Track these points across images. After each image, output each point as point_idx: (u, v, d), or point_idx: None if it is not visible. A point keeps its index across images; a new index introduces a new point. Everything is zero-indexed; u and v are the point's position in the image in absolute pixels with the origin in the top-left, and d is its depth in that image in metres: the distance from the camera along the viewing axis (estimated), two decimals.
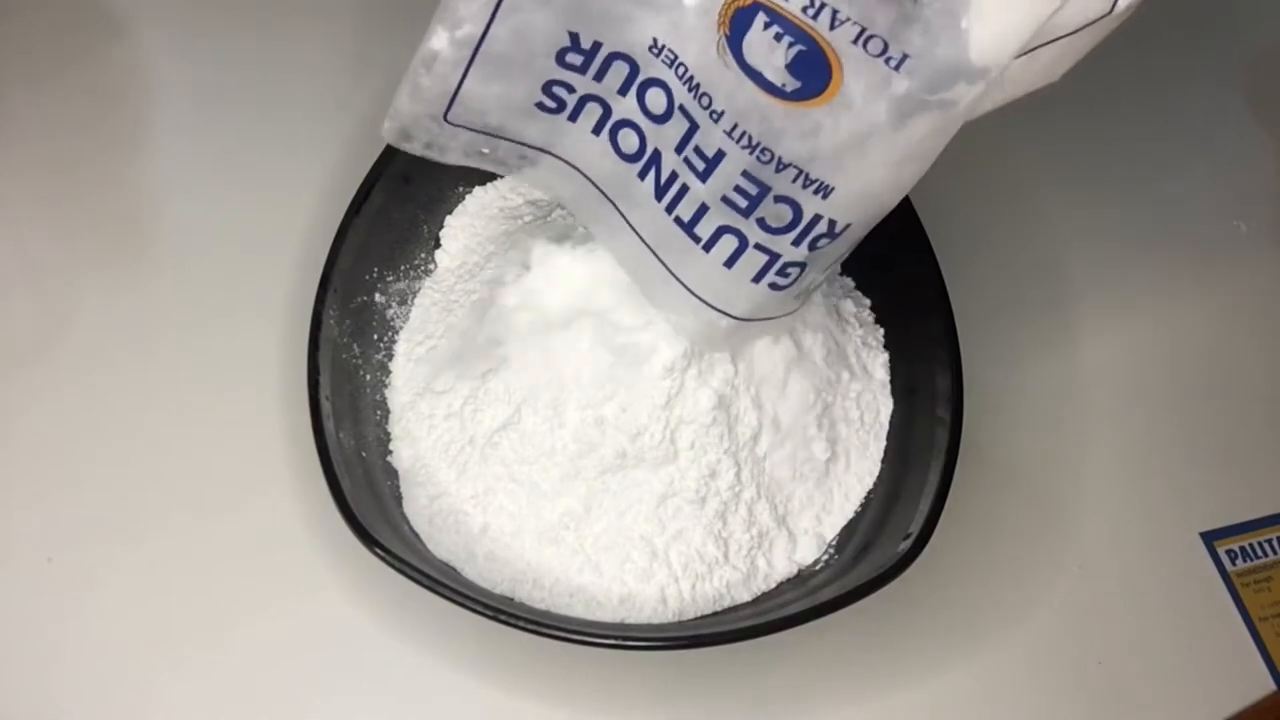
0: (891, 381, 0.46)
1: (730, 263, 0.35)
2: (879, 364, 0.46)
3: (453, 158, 0.36)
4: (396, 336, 0.47)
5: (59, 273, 0.51)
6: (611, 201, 0.37)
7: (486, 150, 0.36)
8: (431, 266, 0.49)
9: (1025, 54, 0.30)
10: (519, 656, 0.42)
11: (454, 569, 0.41)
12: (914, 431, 0.44)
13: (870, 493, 0.44)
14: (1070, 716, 0.43)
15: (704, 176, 0.33)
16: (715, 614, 0.41)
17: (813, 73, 0.30)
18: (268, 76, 0.56)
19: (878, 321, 0.47)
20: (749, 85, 0.31)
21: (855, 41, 0.29)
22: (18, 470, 0.45)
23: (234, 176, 0.53)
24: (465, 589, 0.39)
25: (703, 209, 0.34)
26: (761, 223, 0.34)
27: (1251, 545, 0.47)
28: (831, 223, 0.33)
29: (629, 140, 0.35)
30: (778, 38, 0.30)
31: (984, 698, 0.43)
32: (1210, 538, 0.47)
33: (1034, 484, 0.48)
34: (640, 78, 0.33)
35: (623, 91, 0.34)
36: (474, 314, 0.45)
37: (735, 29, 0.30)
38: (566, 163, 0.37)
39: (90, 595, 0.43)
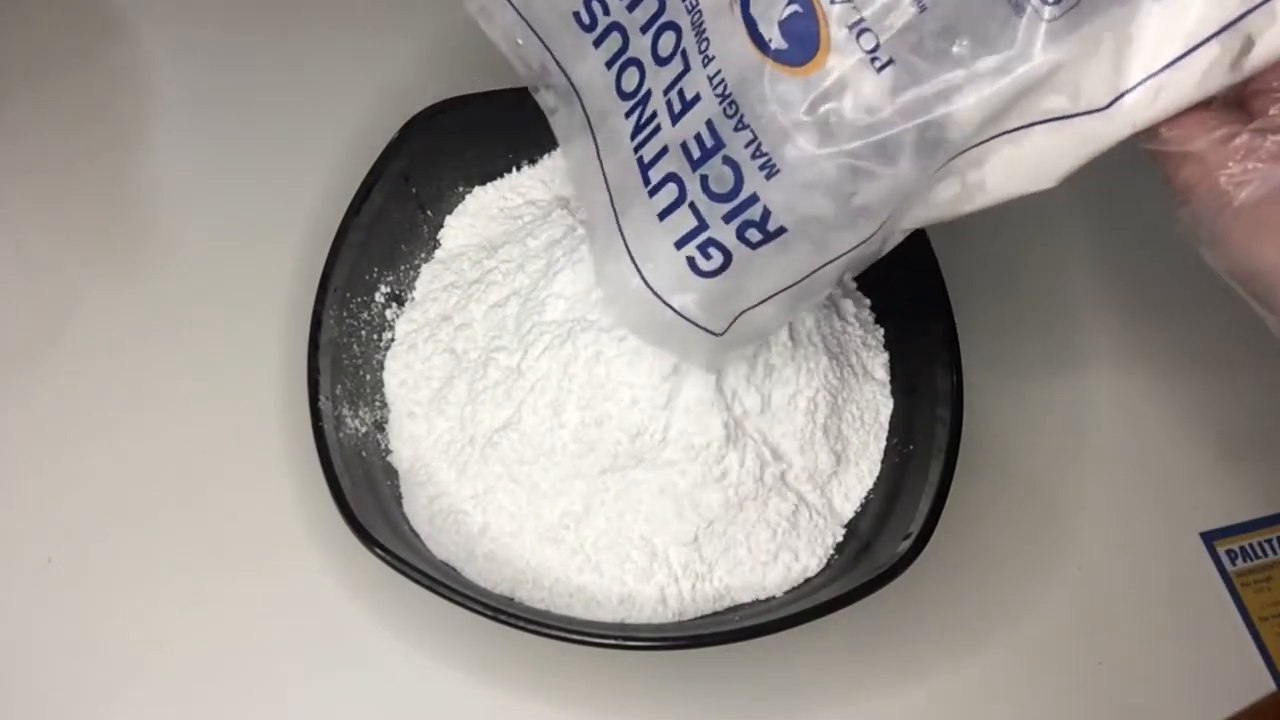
0: (891, 381, 0.46)
1: (664, 214, 0.34)
2: (879, 364, 0.46)
3: (494, 33, 0.36)
4: (396, 336, 0.47)
5: (58, 272, 0.51)
6: (595, 140, 0.36)
7: (521, 42, 0.36)
8: None
9: (1007, 133, 0.30)
10: (519, 656, 0.42)
11: (454, 569, 0.41)
12: (914, 431, 0.44)
13: (870, 493, 0.44)
14: (1070, 716, 0.43)
15: (676, 119, 0.33)
16: (715, 614, 0.41)
17: (801, 40, 0.29)
18: (267, 76, 0.56)
19: (878, 321, 0.47)
20: (742, 33, 0.30)
21: (850, 28, 0.29)
22: (18, 470, 0.45)
23: (234, 176, 0.53)
24: (465, 589, 0.39)
25: (663, 151, 0.33)
26: (704, 182, 0.32)
27: (1251, 545, 0.47)
28: (766, 212, 0.32)
29: (631, 79, 0.34)
30: None
31: (984, 698, 0.43)
32: (1210, 538, 0.47)
33: (1034, 484, 0.48)
34: (662, 19, 0.33)
35: (644, 29, 0.33)
36: (474, 315, 0.45)
37: None
38: (575, 91, 0.36)
39: (90, 595, 0.43)
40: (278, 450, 0.46)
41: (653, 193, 0.34)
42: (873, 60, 0.29)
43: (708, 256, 0.33)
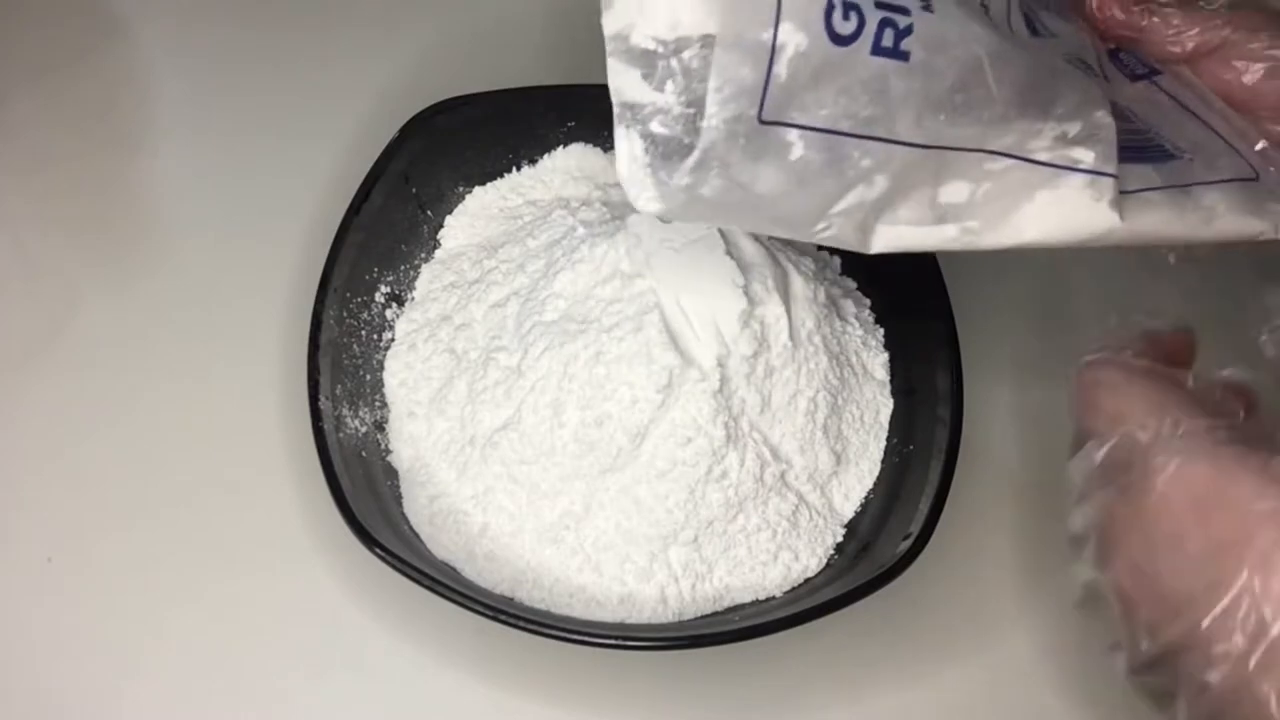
0: (891, 381, 0.46)
1: None
2: (879, 364, 0.46)
3: None
4: (396, 336, 0.47)
5: (59, 272, 0.51)
6: None
7: None
8: None
9: (1027, 161, 0.32)
10: (519, 656, 0.42)
11: (454, 569, 0.41)
12: (914, 431, 0.44)
13: (870, 493, 0.44)
14: (1071, 716, 0.43)
15: None
16: (715, 614, 0.41)
17: None
18: (267, 76, 0.56)
19: (878, 321, 0.47)
20: None
21: None
22: (18, 470, 0.45)
23: (234, 176, 0.53)
24: (465, 589, 0.39)
25: None
26: None
27: None
28: (909, 29, 0.30)
29: None
30: None
31: (984, 697, 0.43)
32: None
33: (1034, 484, 0.47)
34: None
35: None
36: (474, 315, 0.45)
37: None
38: None
39: (90, 595, 0.43)
40: (278, 450, 0.46)
41: None
42: None
43: (846, 17, 0.30)
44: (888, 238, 0.33)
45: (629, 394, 0.39)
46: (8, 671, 0.42)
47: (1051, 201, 0.32)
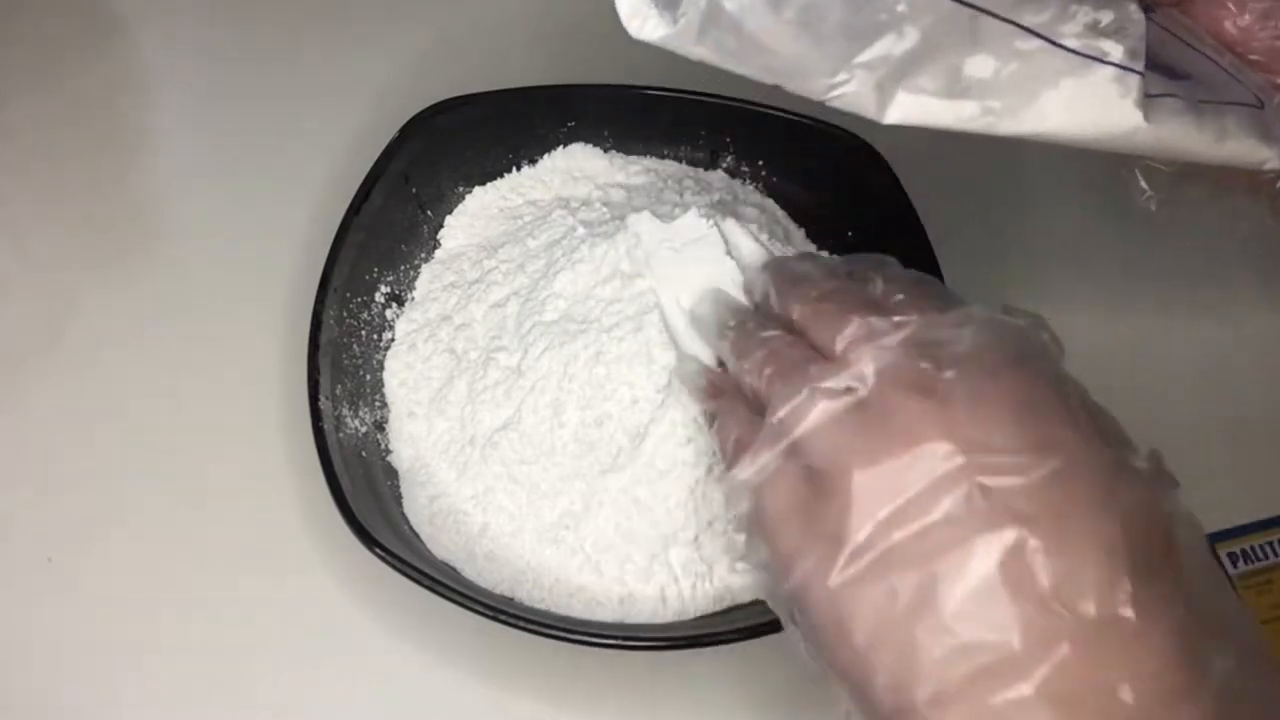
0: None
1: None
2: None
3: None
4: (396, 336, 0.47)
5: (59, 272, 0.51)
6: None
7: None
8: None
9: (1058, 45, 0.30)
10: (519, 656, 0.42)
11: (454, 569, 0.41)
12: None
13: None
14: None
15: None
16: (715, 614, 0.41)
17: None
18: (267, 76, 0.56)
19: None
20: None
21: None
22: (18, 470, 0.45)
23: (234, 176, 0.53)
24: (465, 589, 0.39)
25: None
26: None
27: (1254, 548, 0.47)
28: None
29: None
30: None
31: None
32: (1212, 540, 0.47)
33: None
34: None
35: None
36: (474, 315, 0.45)
37: None
38: None
39: (90, 595, 0.43)
40: (278, 450, 0.46)
41: None
42: None
43: None
44: (906, 107, 0.31)
45: (629, 394, 0.39)
46: (8, 671, 0.42)
47: (1077, 91, 0.31)
